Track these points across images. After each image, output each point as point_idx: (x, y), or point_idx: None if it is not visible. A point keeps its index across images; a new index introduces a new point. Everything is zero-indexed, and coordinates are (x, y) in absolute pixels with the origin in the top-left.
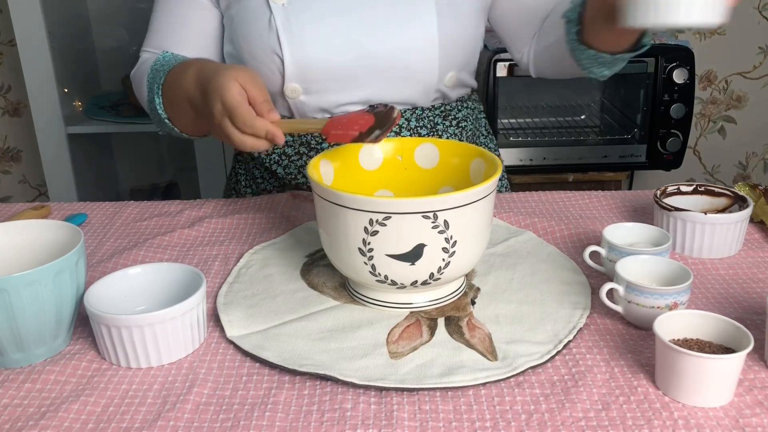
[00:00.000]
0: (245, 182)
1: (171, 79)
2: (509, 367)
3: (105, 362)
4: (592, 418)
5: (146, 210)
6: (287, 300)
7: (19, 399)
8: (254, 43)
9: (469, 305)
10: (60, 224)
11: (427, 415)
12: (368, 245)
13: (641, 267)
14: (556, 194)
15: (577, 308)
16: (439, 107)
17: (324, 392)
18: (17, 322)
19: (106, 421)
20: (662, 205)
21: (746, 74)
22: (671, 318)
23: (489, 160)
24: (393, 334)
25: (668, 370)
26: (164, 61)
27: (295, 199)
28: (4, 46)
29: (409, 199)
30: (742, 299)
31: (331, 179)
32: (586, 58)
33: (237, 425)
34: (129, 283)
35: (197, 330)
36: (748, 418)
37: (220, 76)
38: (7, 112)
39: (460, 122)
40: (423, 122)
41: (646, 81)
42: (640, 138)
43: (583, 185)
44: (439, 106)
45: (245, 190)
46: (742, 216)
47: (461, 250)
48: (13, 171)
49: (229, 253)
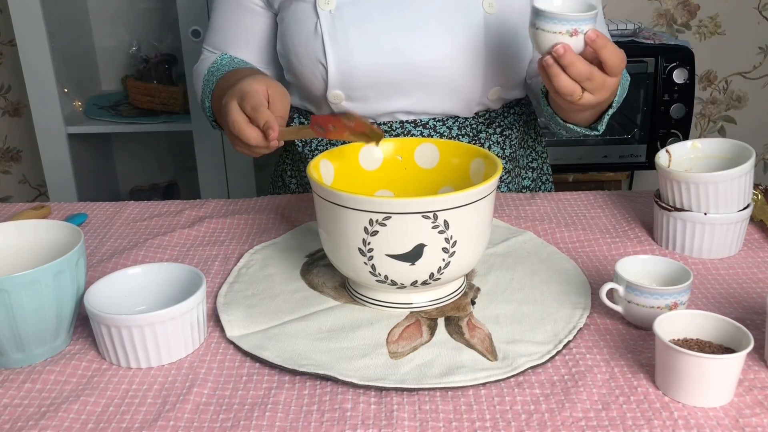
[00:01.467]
0: (291, 173)
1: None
2: (509, 367)
3: (105, 362)
4: (592, 418)
5: (146, 210)
6: (287, 300)
7: (19, 399)
8: (300, 47)
9: (469, 305)
10: (60, 224)
11: (427, 415)
12: (368, 245)
13: (641, 267)
14: (557, 194)
15: (577, 308)
16: (483, 114)
17: (324, 392)
18: (17, 322)
19: (106, 421)
20: (662, 206)
21: (746, 74)
22: (671, 318)
23: (489, 160)
24: (393, 334)
25: (668, 370)
26: (220, 64)
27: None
28: (4, 46)
29: (409, 199)
30: (742, 299)
31: (331, 179)
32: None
33: (237, 425)
34: (129, 283)
35: (197, 330)
36: (748, 418)
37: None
38: (7, 112)
39: (505, 130)
40: (465, 130)
41: (646, 81)
42: (640, 138)
43: (583, 185)
44: (483, 113)
45: (290, 180)
46: (742, 216)
47: (461, 250)
48: (13, 171)
49: (229, 253)
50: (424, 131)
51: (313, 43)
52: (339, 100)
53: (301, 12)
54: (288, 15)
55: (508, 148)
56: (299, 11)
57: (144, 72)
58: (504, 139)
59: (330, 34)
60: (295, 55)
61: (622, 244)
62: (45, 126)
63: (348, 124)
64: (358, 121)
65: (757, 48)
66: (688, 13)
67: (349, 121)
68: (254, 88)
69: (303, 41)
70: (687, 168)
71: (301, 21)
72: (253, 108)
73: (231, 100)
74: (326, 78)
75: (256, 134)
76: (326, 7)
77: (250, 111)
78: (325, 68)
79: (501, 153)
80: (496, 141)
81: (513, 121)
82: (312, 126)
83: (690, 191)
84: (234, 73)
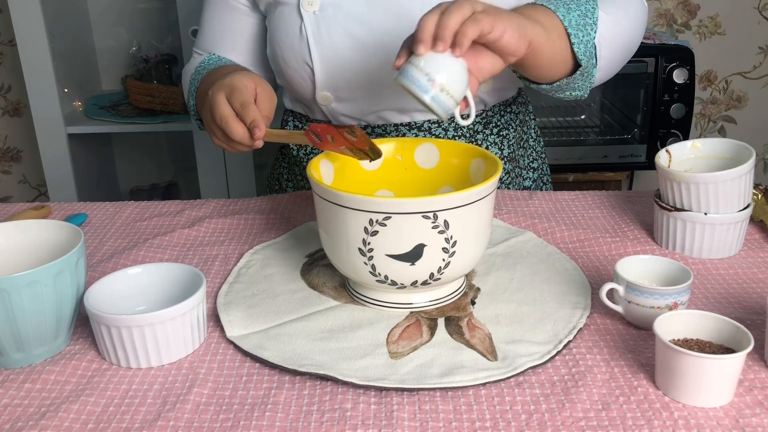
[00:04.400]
0: (287, 176)
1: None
2: (509, 367)
3: (105, 362)
4: (592, 418)
5: (146, 210)
6: (287, 300)
7: (19, 399)
8: (287, 50)
9: (469, 305)
10: (60, 224)
11: (427, 415)
12: (368, 245)
13: (641, 267)
14: (556, 194)
15: (577, 308)
16: (479, 114)
17: (324, 392)
18: (17, 322)
19: (106, 421)
20: (662, 206)
21: (746, 74)
22: (671, 318)
23: (489, 160)
24: (393, 334)
25: (668, 370)
26: (207, 64)
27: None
28: (4, 46)
29: (409, 199)
30: (742, 299)
31: (331, 179)
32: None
33: (237, 425)
34: (129, 283)
35: (197, 330)
36: (748, 418)
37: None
38: (7, 112)
39: (501, 130)
40: (462, 131)
41: (646, 81)
42: (640, 138)
43: (583, 185)
44: (479, 113)
45: (287, 183)
46: (742, 216)
47: (461, 250)
48: (13, 171)
49: (229, 253)
50: (419, 134)
51: (299, 45)
52: (328, 101)
53: (286, 14)
54: (274, 18)
55: (507, 148)
56: (284, 14)
57: (144, 72)
58: (501, 139)
59: (314, 36)
60: (282, 59)
61: (622, 244)
62: (45, 126)
63: (349, 138)
64: (360, 137)
65: (757, 48)
66: (688, 13)
67: (352, 136)
68: (243, 84)
69: (289, 44)
70: (687, 168)
71: (286, 23)
72: (242, 104)
73: (218, 92)
74: (314, 80)
75: (242, 130)
76: (310, 8)
77: (238, 107)
78: (312, 70)
79: (499, 153)
80: (494, 141)
81: (509, 121)
82: (308, 133)
83: (690, 191)
84: (220, 68)
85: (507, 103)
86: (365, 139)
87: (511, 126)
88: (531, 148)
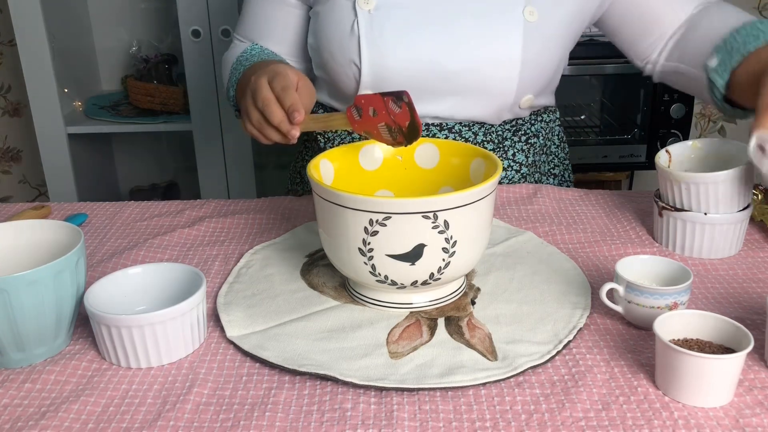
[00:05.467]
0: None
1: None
2: (509, 367)
3: (105, 362)
4: (592, 418)
5: (146, 210)
6: (287, 300)
7: (19, 399)
8: (335, 45)
9: (469, 305)
10: (60, 224)
11: (427, 415)
12: (368, 245)
13: (641, 267)
14: (557, 194)
15: (577, 308)
16: (510, 122)
17: (324, 392)
18: (17, 322)
19: (106, 421)
20: (662, 206)
21: None
22: (671, 318)
23: (489, 160)
24: (393, 334)
25: (668, 370)
26: (250, 54)
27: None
28: (4, 46)
29: (409, 199)
30: (742, 299)
31: (331, 179)
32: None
33: (237, 425)
34: (129, 283)
35: (197, 330)
36: (748, 418)
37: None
38: (7, 112)
39: (530, 138)
40: (490, 137)
41: (646, 81)
42: (640, 138)
43: (583, 185)
44: (510, 120)
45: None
46: (742, 216)
47: (461, 250)
48: (13, 171)
49: (229, 253)
50: (450, 135)
51: (349, 42)
52: None
53: (339, 9)
54: (324, 11)
55: (532, 156)
56: (336, 8)
57: (144, 72)
58: (529, 147)
59: (367, 35)
60: (328, 53)
61: (622, 244)
62: (45, 126)
63: (393, 111)
64: (405, 109)
65: None
66: None
67: (396, 106)
68: (286, 72)
69: (338, 39)
70: (687, 168)
71: (337, 18)
72: (283, 88)
73: (262, 77)
74: (359, 78)
75: (281, 114)
76: (365, 6)
77: (279, 90)
78: (359, 69)
79: (525, 161)
80: (521, 149)
81: (539, 129)
82: (350, 109)
83: (690, 191)
84: (263, 63)
85: (539, 112)
86: (409, 111)
87: (540, 134)
88: (553, 154)
